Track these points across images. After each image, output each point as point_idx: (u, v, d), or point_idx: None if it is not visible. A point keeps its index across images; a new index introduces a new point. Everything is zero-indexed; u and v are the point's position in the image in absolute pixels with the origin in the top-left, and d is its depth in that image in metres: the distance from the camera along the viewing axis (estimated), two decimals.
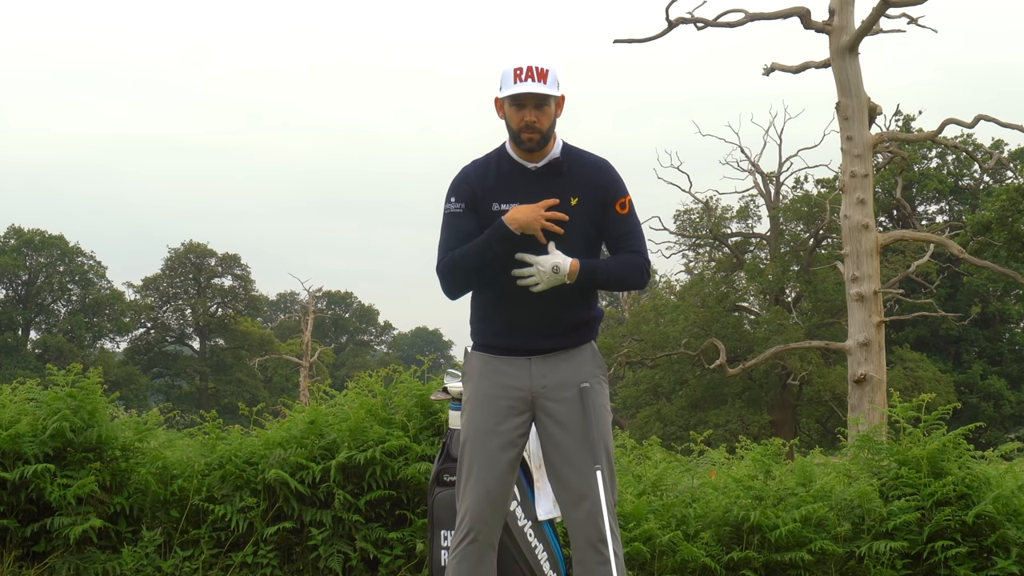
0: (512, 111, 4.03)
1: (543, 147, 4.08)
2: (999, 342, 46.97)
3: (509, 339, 4.12)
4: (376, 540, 6.24)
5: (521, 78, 3.99)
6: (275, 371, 64.48)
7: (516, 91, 3.97)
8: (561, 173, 4.10)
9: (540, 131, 4.02)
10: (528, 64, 3.99)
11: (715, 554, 6.18)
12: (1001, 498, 6.32)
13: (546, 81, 4.00)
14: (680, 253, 46.55)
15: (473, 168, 4.17)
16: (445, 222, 4.13)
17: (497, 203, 4.08)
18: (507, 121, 4.08)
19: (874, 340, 19.04)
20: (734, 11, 20.63)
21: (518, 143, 4.07)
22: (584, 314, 4.17)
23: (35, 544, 6.39)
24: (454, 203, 4.12)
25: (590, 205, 4.09)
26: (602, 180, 4.12)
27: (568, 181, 4.10)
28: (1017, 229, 28.42)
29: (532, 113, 4.01)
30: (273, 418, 7.33)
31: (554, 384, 4.10)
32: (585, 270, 4.03)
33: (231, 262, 65.60)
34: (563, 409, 4.10)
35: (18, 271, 60.38)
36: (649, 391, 41.96)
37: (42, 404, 6.59)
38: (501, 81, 4.04)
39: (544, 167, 4.11)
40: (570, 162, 4.12)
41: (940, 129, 22.13)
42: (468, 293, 4.20)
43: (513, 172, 4.11)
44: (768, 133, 46.18)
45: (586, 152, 4.19)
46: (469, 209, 4.10)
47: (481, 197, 4.10)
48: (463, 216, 4.09)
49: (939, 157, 46.91)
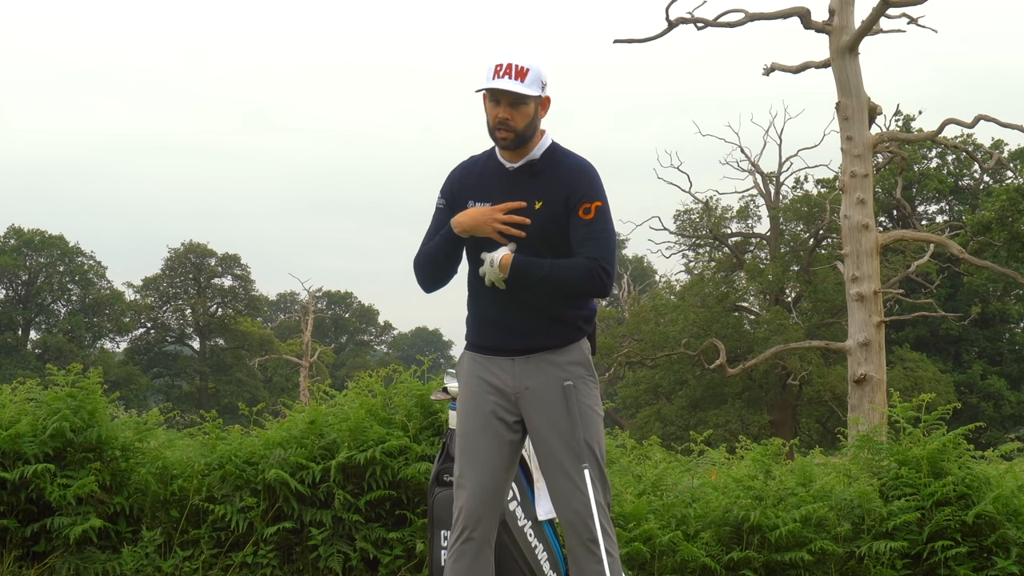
0: (488, 106, 4.04)
1: (520, 146, 4.06)
2: (999, 342, 46.95)
3: (494, 339, 4.12)
4: (376, 540, 6.24)
5: (499, 74, 3.97)
6: (275, 371, 64.47)
7: (489, 86, 3.97)
8: (534, 175, 4.08)
9: (514, 129, 4.00)
10: (508, 61, 3.97)
11: (715, 554, 6.18)
12: (1001, 498, 6.32)
13: (524, 80, 3.96)
14: (680, 253, 46.62)
15: (461, 166, 4.22)
16: (432, 217, 4.21)
17: (472, 201, 4.10)
18: (486, 116, 4.08)
19: (874, 340, 19.04)
20: (734, 11, 20.64)
21: (493, 139, 4.09)
22: (568, 313, 4.12)
23: (35, 544, 6.39)
24: (439, 199, 4.20)
25: (555, 208, 4.03)
26: (573, 183, 4.05)
27: (539, 183, 4.06)
28: (1017, 229, 28.42)
29: (506, 111, 3.98)
30: (273, 418, 7.33)
31: (537, 385, 4.09)
32: (517, 265, 3.97)
33: (231, 262, 65.59)
34: (548, 410, 4.08)
35: (18, 271, 60.37)
36: (649, 391, 41.97)
37: (42, 404, 6.59)
38: (484, 76, 4.03)
39: (519, 168, 4.10)
40: (548, 164, 4.09)
41: (940, 129, 22.13)
42: (441, 287, 4.22)
43: (493, 171, 4.13)
44: (768, 133, 46.18)
45: (571, 155, 4.13)
46: (449, 206, 4.15)
47: (459, 194, 4.14)
48: (443, 212, 4.16)
49: (939, 157, 46.89)
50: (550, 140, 4.13)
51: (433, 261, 4.11)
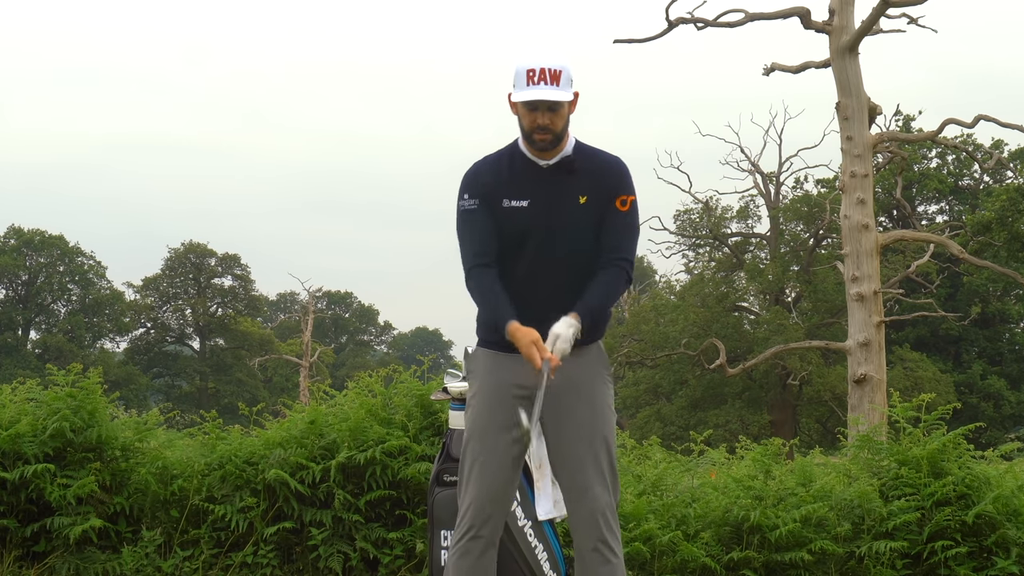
0: (525, 113, 4.03)
1: (556, 146, 4.08)
2: (999, 342, 46.95)
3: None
4: (376, 540, 6.24)
5: (534, 81, 3.97)
6: (275, 371, 64.49)
7: (528, 97, 3.96)
8: (572, 171, 4.10)
9: (553, 132, 4.03)
10: (541, 66, 3.97)
11: (715, 554, 6.18)
12: (1001, 498, 6.31)
13: (559, 83, 3.98)
14: (680, 253, 46.58)
15: (485, 164, 4.17)
16: (461, 219, 4.12)
17: (508, 200, 4.08)
18: (520, 121, 4.08)
19: (874, 340, 19.04)
20: (734, 11, 20.64)
21: (531, 143, 4.07)
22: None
23: (35, 544, 6.39)
24: (468, 200, 4.11)
25: (597, 203, 4.09)
26: (611, 178, 4.12)
27: (578, 179, 4.10)
28: (1017, 229, 28.43)
29: (546, 116, 4.00)
30: (273, 418, 7.32)
31: (559, 382, 4.07)
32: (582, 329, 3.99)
33: (231, 262, 65.61)
34: (568, 408, 4.09)
35: (18, 271, 60.37)
36: (649, 391, 41.98)
37: (42, 404, 6.59)
38: (515, 80, 4.03)
39: (555, 165, 4.11)
40: (581, 160, 4.13)
41: (940, 129, 22.12)
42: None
43: (525, 169, 4.12)
44: (768, 133, 46.25)
45: (599, 151, 4.19)
46: (484, 204, 4.09)
47: (493, 193, 4.10)
48: (478, 212, 4.08)
49: (939, 157, 46.90)
50: (574, 137, 4.17)
51: (483, 313, 4.13)
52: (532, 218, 4.07)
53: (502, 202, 4.09)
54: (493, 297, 4.02)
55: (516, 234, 4.07)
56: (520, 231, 4.07)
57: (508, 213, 4.07)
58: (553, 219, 4.06)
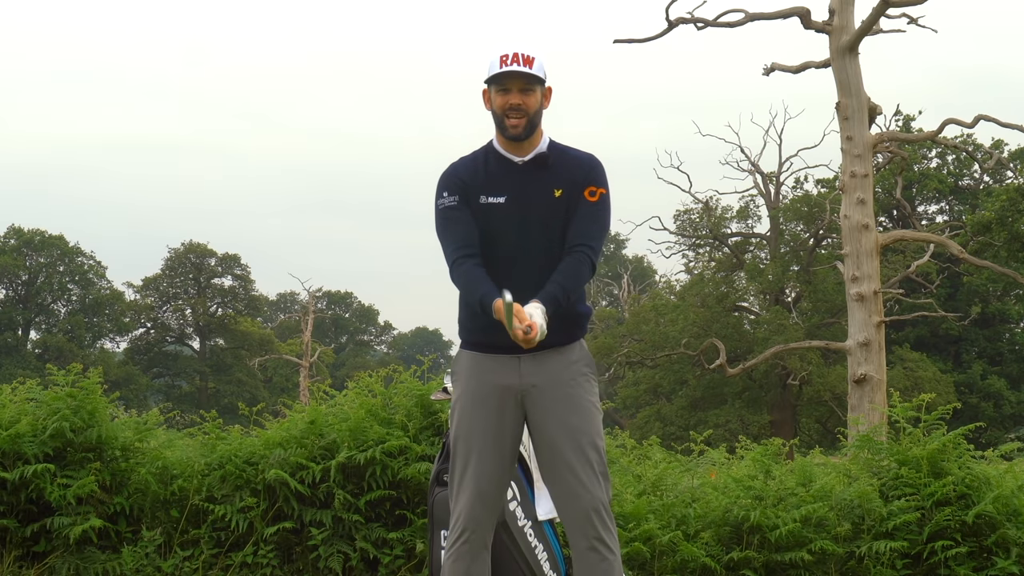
0: (498, 96, 4.11)
1: (529, 135, 4.13)
2: (999, 342, 46.93)
3: (497, 336, 4.08)
4: (376, 540, 6.24)
5: (507, 63, 4.07)
6: (275, 371, 64.47)
7: (502, 71, 4.05)
8: (546, 166, 4.16)
9: (526, 113, 4.09)
10: (514, 51, 4.09)
11: (715, 554, 6.18)
12: (1001, 498, 6.31)
13: (531, 67, 4.08)
14: (680, 253, 46.61)
15: (461, 163, 4.24)
16: (441, 217, 4.16)
17: (485, 196, 4.14)
18: (493, 109, 4.15)
19: (874, 340, 19.04)
20: (734, 11, 20.65)
21: (503, 130, 4.13)
22: (573, 310, 4.17)
23: (35, 544, 6.40)
24: (447, 197, 4.17)
25: (571, 195, 4.15)
26: (586, 170, 4.18)
27: (553, 174, 4.16)
28: (1017, 229, 28.42)
29: (518, 96, 4.08)
30: (273, 418, 7.32)
31: (543, 382, 4.10)
32: (548, 314, 3.93)
33: (231, 262, 65.60)
34: (556, 408, 4.10)
35: (18, 271, 60.35)
36: (649, 391, 41.98)
37: (42, 404, 6.59)
38: (488, 70, 4.12)
39: (530, 161, 4.17)
40: (556, 156, 4.19)
41: (940, 129, 22.12)
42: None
43: (501, 166, 4.18)
44: (768, 133, 46.25)
45: (573, 148, 4.26)
46: (462, 201, 4.15)
47: (470, 190, 4.16)
48: (458, 208, 4.14)
49: (939, 157, 46.88)
50: (548, 137, 4.23)
51: (468, 302, 4.10)
52: (509, 213, 4.13)
53: (479, 199, 4.15)
54: (478, 279, 4.03)
55: (494, 230, 4.13)
56: (498, 226, 4.13)
57: (485, 209, 4.13)
58: (529, 213, 4.12)
